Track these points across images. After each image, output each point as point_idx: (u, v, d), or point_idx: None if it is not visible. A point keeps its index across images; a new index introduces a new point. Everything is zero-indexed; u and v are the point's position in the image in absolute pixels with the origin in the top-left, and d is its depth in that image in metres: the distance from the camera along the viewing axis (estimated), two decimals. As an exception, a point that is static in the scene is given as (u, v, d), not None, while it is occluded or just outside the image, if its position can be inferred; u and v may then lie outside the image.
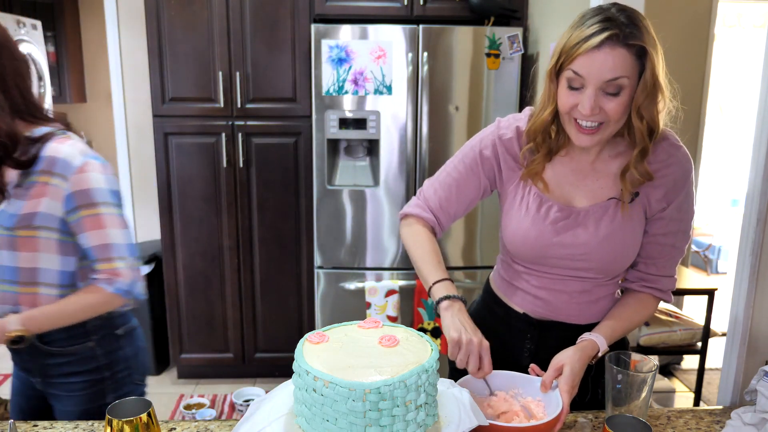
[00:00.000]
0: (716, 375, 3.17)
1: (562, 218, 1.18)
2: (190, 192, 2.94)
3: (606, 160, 1.19)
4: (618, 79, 1.04)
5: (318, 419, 0.86)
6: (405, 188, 2.77)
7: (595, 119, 1.07)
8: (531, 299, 1.26)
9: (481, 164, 1.25)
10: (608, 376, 1.07)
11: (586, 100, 1.05)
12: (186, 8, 2.77)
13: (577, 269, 1.20)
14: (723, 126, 5.49)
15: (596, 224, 1.17)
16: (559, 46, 1.09)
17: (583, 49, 1.03)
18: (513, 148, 1.23)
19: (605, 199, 1.18)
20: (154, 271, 3.12)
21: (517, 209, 1.22)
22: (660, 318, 2.79)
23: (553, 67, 1.10)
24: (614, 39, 1.03)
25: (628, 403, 1.04)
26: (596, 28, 1.03)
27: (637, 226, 1.18)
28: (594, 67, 1.04)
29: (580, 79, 1.05)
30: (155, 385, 3.17)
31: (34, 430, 1.13)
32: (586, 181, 1.19)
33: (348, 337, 0.98)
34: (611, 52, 1.03)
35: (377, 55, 2.65)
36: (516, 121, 1.24)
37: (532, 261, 1.23)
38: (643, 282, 1.24)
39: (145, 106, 3.39)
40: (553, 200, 1.19)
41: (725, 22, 5.12)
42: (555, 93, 1.12)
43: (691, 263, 4.12)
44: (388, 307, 2.79)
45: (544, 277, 1.24)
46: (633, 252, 1.20)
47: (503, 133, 1.23)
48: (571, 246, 1.18)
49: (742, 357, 1.57)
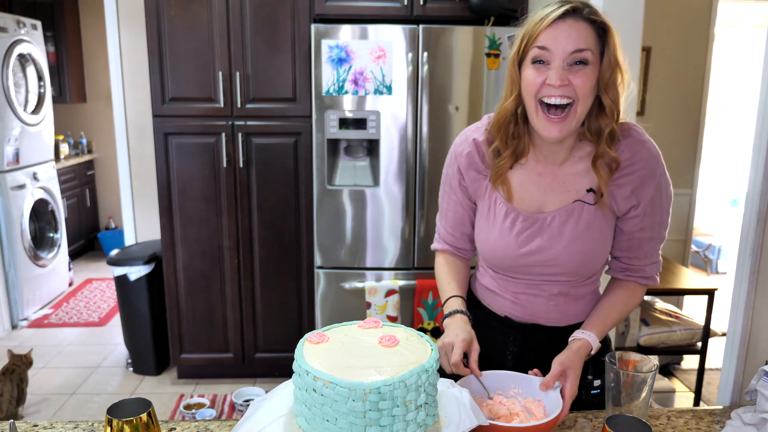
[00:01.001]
0: (716, 375, 3.17)
1: (526, 228, 1.19)
2: (190, 192, 2.94)
3: (572, 163, 1.18)
4: (583, 51, 1.05)
5: (318, 419, 0.86)
6: (405, 188, 2.77)
7: (564, 93, 1.07)
8: (510, 304, 1.27)
9: (457, 187, 1.28)
10: (608, 375, 1.07)
11: (553, 72, 1.06)
12: (186, 8, 2.77)
13: (549, 275, 1.21)
14: (723, 126, 5.49)
15: (561, 229, 1.17)
16: (521, 33, 1.11)
17: (546, 23, 1.06)
18: (474, 160, 1.23)
19: (571, 202, 1.17)
20: (154, 271, 3.13)
21: (485, 220, 1.24)
22: (660, 318, 2.80)
23: (516, 53, 1.11)
24: (577, 12, 1.06)
25: (628, 403, 1.04)
26: (557, 5, 1.07)
27: (604, 226, 1.18)
28: (560, 38, 1.05)
29: (546, 53, 1.07)
30: (155, 385, 3.17)
31: (34, 430, 1.13)
32: (553, 185, 1.19)
33: (348, 337, 0.98)
34: (574, 24, 1.06)
35: (377, 55, 2.65)
36: (472, 134, 1.25)
37: (506, 269, 1.24)
38: (628, 272, 1.24)
39: (145, 106, 3.39)
40: (519, 209, 1.20)
41: (725, 22, 5.12)
42: (519, 80, 1.12)
43: (691, 263, 4.12)
44: (388, 307, 2.79)
45: (520, 283, 1.25)
46: (603, 252, 1.20)
47: (460, 150, 1.26)
48: (538, 254, 1.18)
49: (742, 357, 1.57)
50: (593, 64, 1.07)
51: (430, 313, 2.81)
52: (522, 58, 1.11)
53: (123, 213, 3.69)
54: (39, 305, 4.17)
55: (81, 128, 5.60)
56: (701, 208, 5.04)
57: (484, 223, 1.24)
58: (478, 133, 1.24)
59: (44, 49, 4.42)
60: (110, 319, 4.04)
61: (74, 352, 3.56)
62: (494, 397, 1.12)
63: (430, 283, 2.77)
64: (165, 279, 3.03)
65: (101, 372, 3.32)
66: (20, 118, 4.01)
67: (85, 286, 4.69)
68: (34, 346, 3.21)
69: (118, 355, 3.51)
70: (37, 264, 4.14)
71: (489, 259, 1.26)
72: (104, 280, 4.80)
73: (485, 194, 1.24)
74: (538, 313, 1.25)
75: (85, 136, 5.58)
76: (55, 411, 2.91)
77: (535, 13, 1.10)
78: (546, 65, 1.07)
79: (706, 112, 3.49)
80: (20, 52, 4.01)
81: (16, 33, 3.99)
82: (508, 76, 1.14)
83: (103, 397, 3.06)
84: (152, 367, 3.25)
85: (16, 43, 3.97)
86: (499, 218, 1.21)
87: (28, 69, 4.16)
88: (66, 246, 4.60)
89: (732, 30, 5.18)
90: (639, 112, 3.39)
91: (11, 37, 3.92)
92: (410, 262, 2.85)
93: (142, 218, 3.70)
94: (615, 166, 1.14)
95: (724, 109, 5.47)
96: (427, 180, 2.77)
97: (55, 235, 4.45)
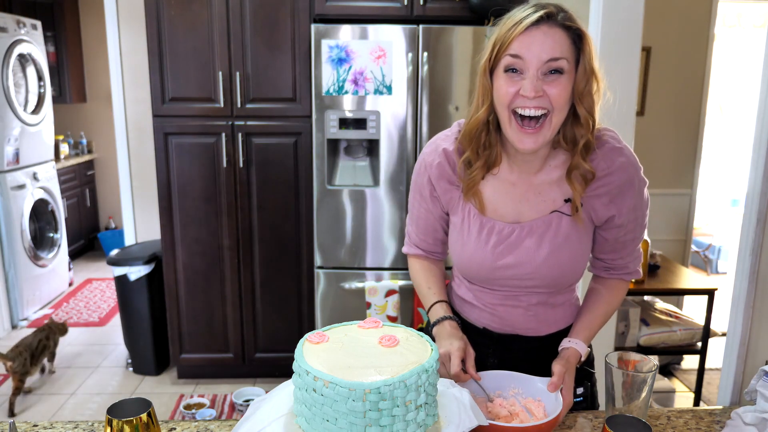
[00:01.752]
0: (716, 375, 3.17)
1: (502, 240, 1.15)
2: (190, 192, 2.94)
3: (546, 172, 1.14)
4: (558, 60, 1.01)
5: (318, 419, 0.86)
6: (405, 188, 2.77)
7: (539, 104, 1.02)
8: (488, 315, 1.25)
9: (428, 197, 1.23)
10: (608, 376, 1.07)
11: (528, 83, 1.01)
12: (186, 8, 2.77)
13: (526, 287, 1.19)
14: (723, 126, 5.49)
15: (539, 241, 1.14)
16: (492, 39, 1.06)
17: (519, 30, 1.01)
18: (445, 170, 1.18)
19: (548, 212, 1.14)
20: (154, 271, 3.13)
21: (459, 232, 1.20)
22: (660, 318, 2.80)
23: (487, 61, 1.06)
24: (551, 18, 1.01)
25: (627, 403, 1.04)
26: (531, 11, 1.02)
27: (583, 236, 1.16)
28: (534, 45, 1.00)
29: (520, 62, 1.02)
30: (155, 385, 3.17)
31: (34, 430, 1.13)
32: (528, 195, 1.15)
33: (348, 337, 0.98)
34: (549, 31, 1.01)
35: (377, 55, 2.65)
36: (442, 143, 1.20)
37: (482, 281, 1.22)
38: (612, 270, 1.23)
39: (145, 106, 3.39)
40: (494, 220, 1.16)
41: (725, 22, 5.12)
42: (491, 89, 1.07)
43: (691, 263, 4.12)
44: (388, 307, 2.79)
45: (497, 294, 1.22)
46: (582, 262, 1.18)
47: (430, 160, 1.20)
48: (515, 267, 1.16)
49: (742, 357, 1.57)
50: (569, 73, 1.02)
51: (430, 313, 2.81)
52: (493, 66, 1.06)
53: (123, 213, 3.69)
54: (39, 305, 4.17)
55: (81, 128, 5.61)
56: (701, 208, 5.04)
57: (458, 236, 1.20)
58: (447, 142, 1.19)
59: (44, 49, 4.42)
60: (110, 319, 4.04)
61: (74, 352, 3.56)
62: (494, 399, 1.12)
63: (430, 283, 2.77)
64: (165, 279, 3.04)
65: (101, 372, 3.32)
66: (20, 118, 4.01)
67: (85, 286, 4.69)
68: (34, 346, 3.21)
69: (118, 355, 3.51)
70: (37, 264, 4.14)
71: (465, 272, 1.23)
72: (104, 280, 4.80)
73: (458, 206, 1.19)
74: (517, 324, 1.23)
75: (85, 136, 5.58)
76: (55, 411, 2.92)
77: (507, 19, 1.04)
78: (519, 74, 1.03)
79: (706, 112, 3.49)
80: (20, 52, 4.01)
81: (16, 33, 3.99)
82: (479, 85, 1.09)
83: (103, 397, 3.06)
84: (152, 367, 3.25)
85: (16, 43, 3.97)
86: (474, 231, 1.17)
87: (28, 69, 4.16)
88: (66, 246, 4.60)
89: (732, 30, 5.18)
90: (639, 112, 3.39)
91: (11, 37, 3.92)
92: (410, 262, 2.85)
93: (142, 218, 3.70)
94: (590, 177, 1.10)
95: (724, 109, 5.47)
96: (427, 180, 2.77)
97: (55, 235, 4.45)
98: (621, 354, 1.08)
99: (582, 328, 1.19)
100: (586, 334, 1.19)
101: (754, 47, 5.13)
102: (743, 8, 5.13)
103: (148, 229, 3.68)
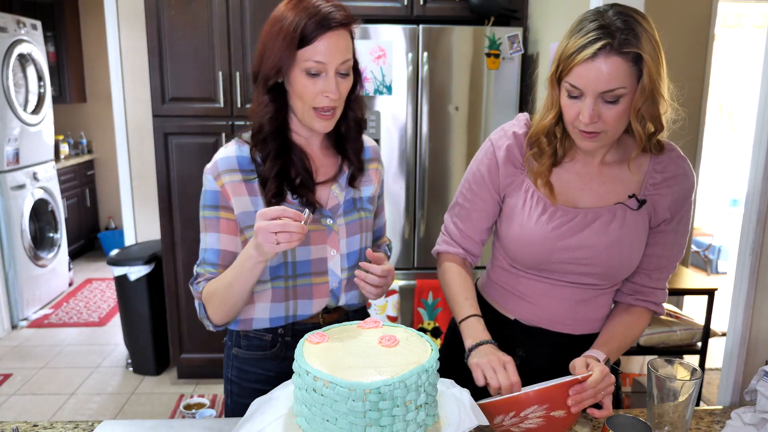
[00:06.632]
0: (716, 375, 3.17)
1: (567, 221, 1.17)
2: (190, 192, 2.94)
3: (612, 164, 1.19)
4: (614, 90, 1.04)
5: (318, 419, 0.86)
6: (405, 188, 2.77)
7: (594, 128, 1.08)
8: (526, 305, 1.25)
9: (489, 181, 1.24)
10: (650, 383, 1.06)
11: (585, 109, 1.06)
12: (186, 8, 2.77)
13: (579, 274, 1.20)
14: (723, 126, 5.49)
15: (605, 228, 1.16)
16: (558, 53, 1.10)
17: (578, 60, 1.04)
18: (513, 153, 1.22)
19: (612, 203, 1.18)
20: (154, 271, 3.12)
21: (519, 213, 1.21)
22: (660, 318, 2.79)
23: (554, 74, 1.11)
24: (608, 48, 1.02)
25: (667, 409, 1.04)
26: (591, 37, 1.03)
27: (642, 233, 1.18)
28: (590, 79, 1.04)
29: (578, 90, 1.07)
30: (155, 385, 3.17)
31: (34, 430, 1.13)
32: (592, 184, 1.19)
33: (348, 337, 0.98)
34: (605, 61, 1.03)
35: (377, 55, 2.65)
36: (510, 128, 1.24)
37: (534, 266, 1.22)
38: (638, 295, 1.24)
39: (145, 106, 3.39)
40: (559, 203, 1.19)
41: (725, 22, 5.12)
42: (558, 98, 1.12)
43: (691, 263, 4.12)
44: (388, 307, 2.79)
45: (544, 283, 1.23)
46: (637, 259, 1.20)
47: (499, 143, 1.24)
48: (577, 249, 1.17)
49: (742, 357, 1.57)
50: (627, 95, 1.06)
51: (430, 313, 2.81)
52: (558, 80, 1.11)
53: (123, 213, 3.69)
54: (39, 305, 4.17)
55: (81, 128, 5.61)
56: (701, 208, 5.04)
57: (519, 216, 1.21)
58: (517, 127, 1.23)
59: (44, 49, 4.42)
60: (110, 319, 4.04)
61: (74, 352, 3.56)
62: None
63: (430, 283, 2.77)
64: (165, 279, 3.03)
65: (101, 372, 3.32)
66: (20, 118, 4.01)
67: (85, 286, 4.69)
68: (34, 347, 3.21)
69: (118, 355, 3.51)
70: (37, 264, 4.14)
71: (520, 253, 1.22)
72: (104, 280, 4.80)
73: (520, 189, 1.22)
74: (554, 318, 1.24)
75: (85, 136, 5.58)
76: (55, 411, 2.91)
77: (572, 34, 1.07)
78: (579, 99, 1.08)
79: (706, 112, 3.49)
80: (20, 52, 4.01)
81: (16, 33, 3.99)
82: (548, 94, 1.15)
83: (103, 397, 3.06)
84: (152, 367, 3.25)
85: (16, 43, 3.97)
86: (536, 212, 1.19)
87: (28, 69, 4.16)
88: (66, 246, 4.60)
89: (732, 30, 5.18)
90: (639, 112, 3.38)
91: (11, 37, 3.92)
92: (410, 262, 2.85)
93: (142, 218, 3.70)
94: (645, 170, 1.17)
95: (724, 108, 5.47)
96: (427, 180, 2.77)
97: (55, 235, 4.45)
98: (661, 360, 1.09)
99: (599, 343, 1.19)
100: (606, 348, 1.18)
101: (754, 47, 5.13)
102: (743, 8, 5.13)
103: (148, 229, 3.67)
